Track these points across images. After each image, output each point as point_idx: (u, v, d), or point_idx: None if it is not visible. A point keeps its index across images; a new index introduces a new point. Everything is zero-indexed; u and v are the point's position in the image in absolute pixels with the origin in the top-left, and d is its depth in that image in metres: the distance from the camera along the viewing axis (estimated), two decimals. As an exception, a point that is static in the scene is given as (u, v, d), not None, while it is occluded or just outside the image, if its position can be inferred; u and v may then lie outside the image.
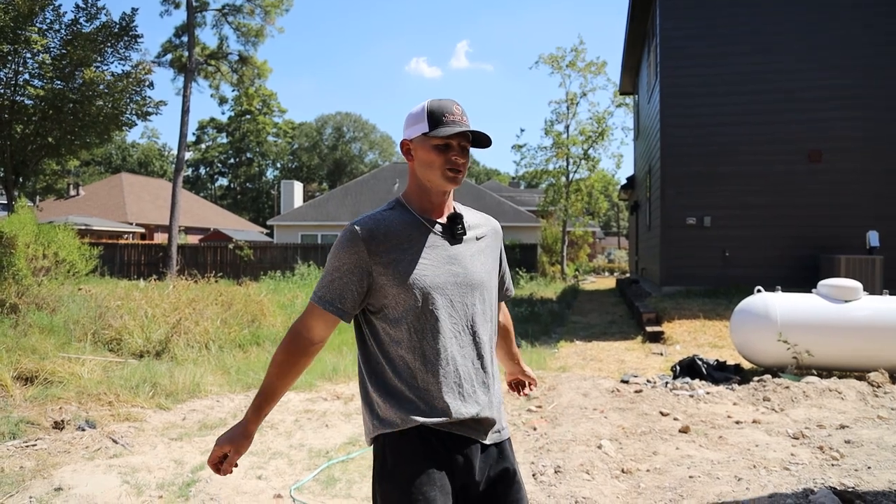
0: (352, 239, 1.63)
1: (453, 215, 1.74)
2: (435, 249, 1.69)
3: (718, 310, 9.87)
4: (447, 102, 1.69)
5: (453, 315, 1.67)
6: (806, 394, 5.80)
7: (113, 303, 8.58)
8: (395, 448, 1.62)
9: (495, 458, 1.72)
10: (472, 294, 1.71)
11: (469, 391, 1.67)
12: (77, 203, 35.19)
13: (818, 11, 11.64)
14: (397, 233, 1.66)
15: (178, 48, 23.13)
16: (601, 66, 27.33)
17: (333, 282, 1.66)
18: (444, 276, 1.67)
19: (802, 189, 11.53)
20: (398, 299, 1.63)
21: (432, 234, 1.70)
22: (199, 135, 64.12)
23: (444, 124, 1.65)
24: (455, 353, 1.66)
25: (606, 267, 37.69)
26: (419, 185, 1.72)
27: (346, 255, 1.64)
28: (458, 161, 1.67)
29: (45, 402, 5.21)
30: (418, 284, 1.63)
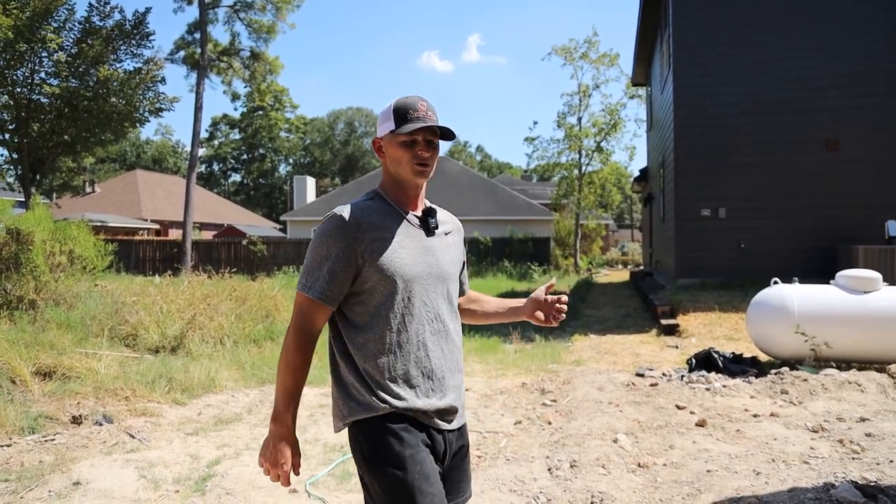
0: (340, 226, 1.67)
1: (428, 209, 1.82)
2: (413, 240, 1.75)
3: (734, 302, 9.77)
4: (412, 99, 1.75)
5: (427, 303, 1.74)
6: (825, 386, 5.72)
7: (129, 299, 8.66)
8: (378, 432, 1.65)
9: (456, 437, 1.80)
10: (442, 285, 1.79)
11: (440, 378, 1.75)
12: (93, 200, 35.55)
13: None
14: (380, 222, 1.71)
15: (191, 45, 23.23)
16: (614, 58, 27.10)
17: (325, 271, 1.67)
18: (421, 265, 1.74)
19: (819, 179, 11.36)
20: (379, 286, 1.68)
21: (410, 225, 1.76)
22: (212, 131, 64.47)
23: (409, 121, 1.71)
24: (428, 341, 1.73)
25: (620, 259, 37.48)
26: (393, 179, 1.78)
27: (334, 243, 1.67)
28: (424, 155, 1.72)
29: (63, 397, 5.26)
30: (400, 272, 1.69)
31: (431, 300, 1.75)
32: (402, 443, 1.64)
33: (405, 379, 1.69)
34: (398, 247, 1.71)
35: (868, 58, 11.29)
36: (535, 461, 4.02)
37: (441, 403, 1.73)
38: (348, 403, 1.70)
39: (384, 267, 1.67)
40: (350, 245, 1.66)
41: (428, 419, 1.72)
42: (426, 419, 1.71)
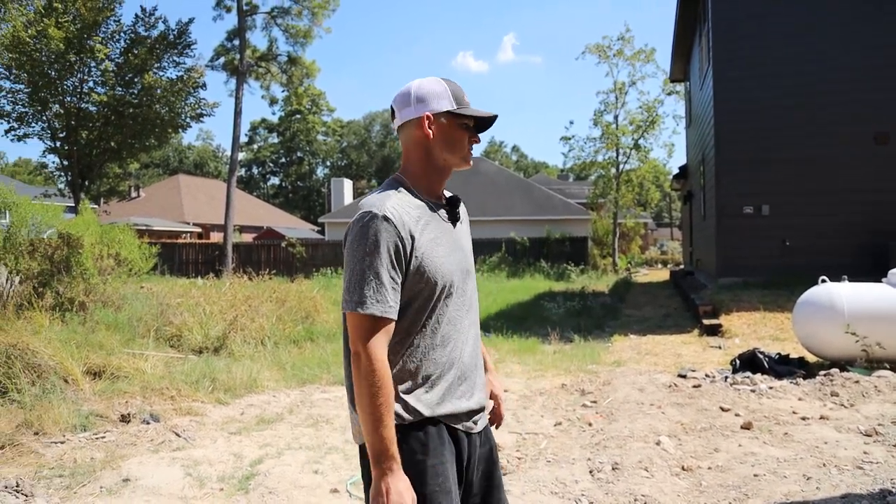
0: (386, 227, 1.49)
1: (453, 198, 1.71)
2: (446, 235, 1.63)
3: (779, 301, 9.49)
4: (457, 85, 1.66)
5: (458, 301, 1.63)
6: (878, 388, 5.51)
7: (173, 300, 8.88)
8: (406, 441, 1.53)
9: (484, 439, 1.71)
10: (470, 279, 1.70)
11: (472, 378, 1.67)
12: (138, 204, 36.64)
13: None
14: (417, 217, 1.56)
15: (230, 51, 23.73)
16: (650, 54, 26.68)
17: (382, 280, 1.48)
18: (455, 262, 1.63)
19: (867, 173, 10.95)
20: (418, 287, 1.54)
21: (441, 219, 1.64)
22: (251, 135, 65.79)
23: (465, 105, 1.63)
24: (461, 339, 1.64)
25: (659, 259, 36.83)
26: (432, 164, 1.64)
27: (383, 247, 1.48)
28: (476, 141, 1.66)
29: (112, 395, 5.43)
30: (440, 272, 1.56)
31: (461, 297, 1.65)
32: (427, 451, 1.54)
33: (439, 382, 1.58)
34: (436, 244, 1.58)
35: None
36: (576, 463, 3.97)
37: (472, 404, 1.65)
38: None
39: (427, 268, 1.54)
40: (400, 246, 1.50)
41: (457, 422, 1.62)
42: (455, 422, 1.61)
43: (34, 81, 17.25)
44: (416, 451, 1.53)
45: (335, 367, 6.83)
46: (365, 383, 1.46)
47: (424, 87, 1.63)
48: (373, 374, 1.46)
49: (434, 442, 1.55)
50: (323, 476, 3.88)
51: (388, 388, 1.47)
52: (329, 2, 23.18)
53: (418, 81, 1.66)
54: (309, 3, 23.08)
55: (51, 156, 19.45)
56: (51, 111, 18.36)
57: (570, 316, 11.07)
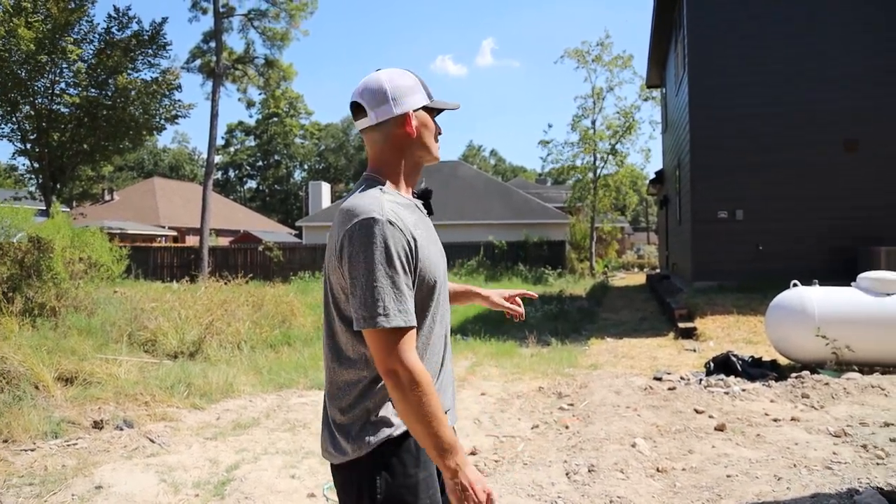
0: (393, 232, 1.40)
1: (425, 191, 1.64)
2: (430, 230, 1.57)
3: (752, 305, 9.66)
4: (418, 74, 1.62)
5: (446, 299, 1.60)
6: (847, 390, 5.63)
7: (147, 305, 8.75)
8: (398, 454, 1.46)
9: None
10: (446, 275, 1.64)
11: (451, 374, 1.63)
12: (111, 208, 36.04)
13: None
14: (408, 217, 1.49)
15: (206, 53, 23.50)
16: (627, 60, 27.02)
17: (400, 289, 1.39)
18: (440, 258, 1.58)
19: (838, 179, 11.22)
20: (419, 290, 1.47)
21: (422, 213, 1.59)
22: (227, 138, 65.14)
23: (431, 97, 1.60)
24: (443, 338, 1.58)
25: (636, 262, 37.23)
26: (410, 162, 1.58)
27: (394, 252, 1.39)
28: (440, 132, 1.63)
29: (84, 402, 5.33)
30: (436, 271, 1.51)
31: (446, 294, 1.60)
32: (419, 464, 1.47)
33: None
34: (429, 242, 1.52)
35: (888, 57, 11.14)
36: (552, 465, 4.00)
37: (451, 401, 1.60)
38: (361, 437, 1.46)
39: (427, 268, 1.47)
40: (407, 250, 1.42)
41: None
42: None
43: (3, 82, 16.90)
44: (408, 464, 1.47)
45: (312, 371, 6.80)
46: (413, 395, 1.37)
47: (398, 82, 1.55)
48: (418, 384, 1.37)
49: (424, 454, 1.48)
50: (300, 481, 3.86)
51: (433, 389, 1.40)
52: (307, 4, 23.09)
53: (387, 74, 1.56)
54: (286, 5, 22.97)
55: (21, 158, 19.07)
56: (21, 112, 18.00)
57: (547, 319, 11.14)
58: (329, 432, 1.54)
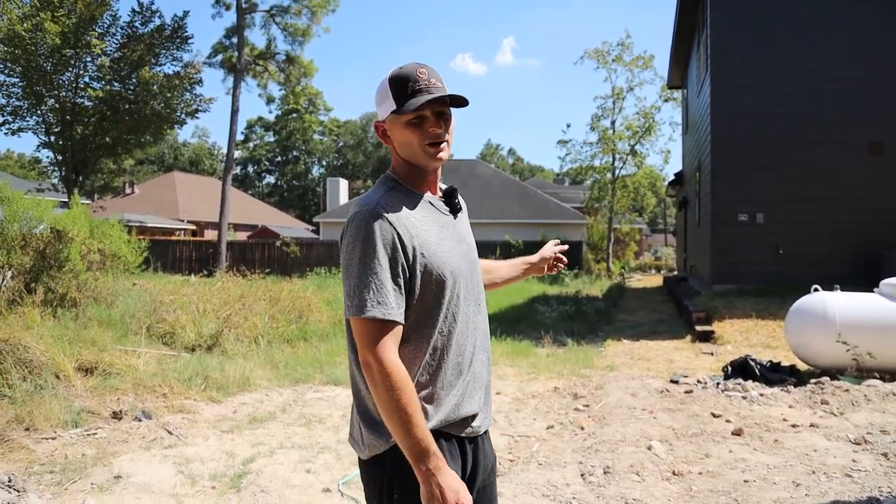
0: (381, 226, 1.41)
1: (450, 189, 1.62)
2: (447, 228, 1.55)
3: (772, 309, 9.54)
4: (409, 68, 1.51)
5: (468, 297, 1.55)
6: (867, 397, 5.55)
7: (166, 298, 8.85)
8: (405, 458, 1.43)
9: (486, 443, 1.65)
10: (476, 272, 1.62)
11: (481, 377, 1.59)
12: (132, 201, 36.51)
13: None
14: (413, 213, 1.48)
15: (228, 49, 23.70)
16: (648, 60, 26.81)
17: (383, 282, 1.40)
18: (460, 255, 1.54)
19: (861, 183, 11.02)
20: (428, 287, 1.46)
21: (439, 211, 1.56)
22: (247, 133, 65.66)
23: (411, 95, 1.46)
24: (470, 336, 1.55)
25: (653, 264, 36.94)
26: (408, 165, 1.55)
27: (382, 247, 1.40)
28: (436, 132, 1.49)
29: (104, 392, 5.40)
30: (448, 267, 1.48)
31: (471, 292, 1.56)
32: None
33: (451, 387, 1.50)
34: (439, 239, 1.50)
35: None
36: (567, 466, 3.98)
37: (479, 405, 1.56)
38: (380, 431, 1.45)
39: (433, 264, 1.46)
40: (399, 246, 1.42)
41: (462, 428, 1.53)
42: (460, 429, 1.52)
43: (29, 75, 17.18)
44: None
45: (328, 367, 6.83)
46: (382, 390, 1.37)
47: (377, 90, 1.54)
48: (387, 377, 1.37)
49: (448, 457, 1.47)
50: (315, 475, 3.88)
51: (408, 388, 1.38)
52: (329, 1, 23.19)
53: (379, 83, 1.55)
54: (308, 1, 23.10)
55: (45, 150, 19.39)
56: (45, 105, 18.29)
57: (563, 320, 11.10)
58: (353, 425, 1.56)
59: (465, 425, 1.54)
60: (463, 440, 1.55)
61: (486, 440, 1.66)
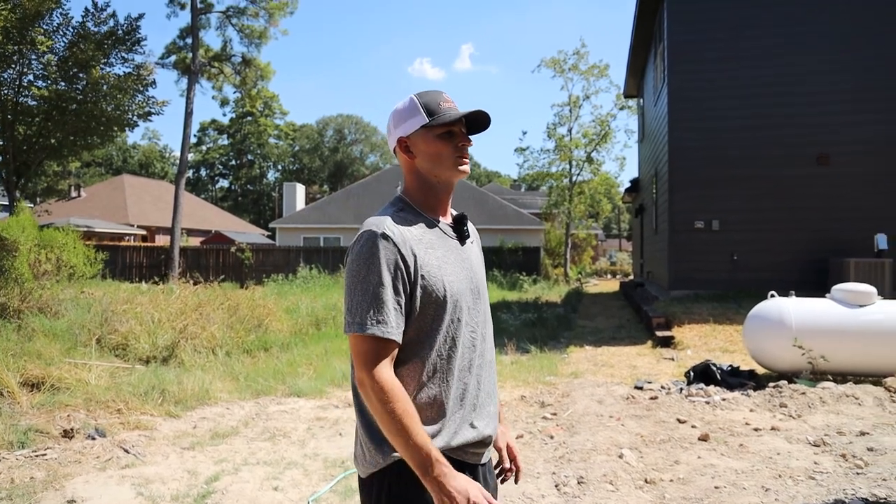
0: (386, 245, 1.44)
1: (461, 216, 1.66)
2: (452, 252, 1.57)
3: (728, 314, 9.79)
4: (435, 92, 1.60)
5: (470, 323, 1.56)
6: (823, 400, 5.72)
7: (118, 307, 8.50)
8: (411, 477, 1.44)
9: (488, 475, 1.65)
10: (481, 300, 1.63)
11: (485, 406, 1.60)
12: (78, 204, 35.12)
13: (830, 14, 11.56)
14: (420, 235, 1.52)
15: (182, 50, 23.07)
16: (603, 69, 27.33)
17: (383, 300, 1.43)
18: (464, 280, 1.56)
19: (811, 192, 11.45)
20: (428, 308, 1.48)
21: (446, 235, 1.59)
22: (199, 136, 64.09)
23: (444, 111, 1.55)
24: (473, 364, 1.56)
25: (609, 269, 37.63)
26: (425, 183, 1.59)
27: (385, 265, 1.43)
28: (467, 145, 1.58)
29: (52, 409, 5.13)
30: (450, 290, 1.50)
31: (474, 318, 1.58)
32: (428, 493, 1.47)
33: (449, 410, 1.51)
34: (443, 262, 1.52)
35: (861, 74, 11.42)
36: (541, 477, 3.96)
37: (481, 434, 1.56)
38: (381, 448, 1.47)
39: (434, 286, 1.48)
40: (401, 265, 1.45)
41: (463, 454, 1.54)
42: (461, 455, 1.53)
43: (-33, 72, 16.36)
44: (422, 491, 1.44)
45: (290, 378, 6.66)
46: (378, 405, 1.40)
47: (397, 111, 1.60)
48: (382, 391, 1.39)
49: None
50: (283, 493, 3.75)
51: (402, 399, 1.40)
52: (287, 3, 22.84)
53: (397, 104, 1.62)
54: (266, 3, 22.69)
55: (-16, 151, 18.46)
56: (-15, 103, 17.43)
57: (525, 326, 11.14)
58: (357, 444, 1.58)
59: (463, 453, 1.54)
60: (462, 467, 1.53)
61: (487, 471, 1.65)
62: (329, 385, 6.50)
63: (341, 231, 28.53)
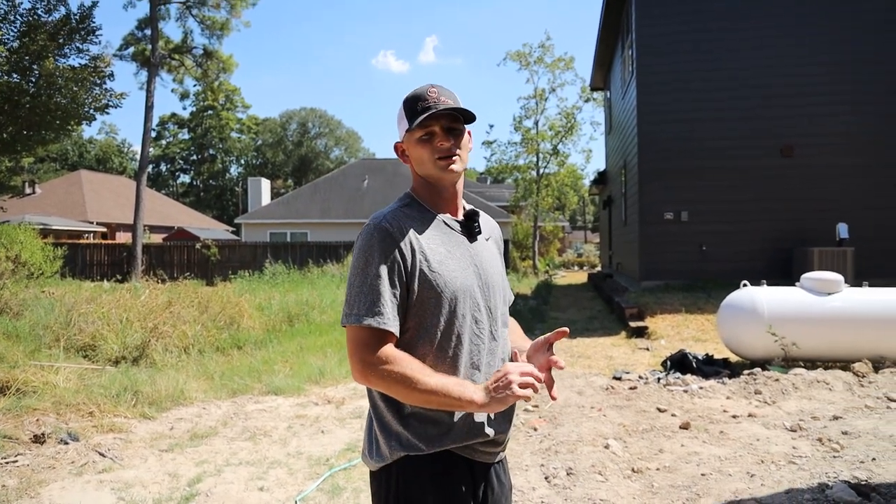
0: (384, 239, 1.47)
1: (471, 212, 1.64)
2: (459, 248, 1.57)
3: (699, 303, 9.97)
4: (421, 88, 1.57)
5: (480, 320, 1.55)
6: (795, 386, 5.87)
7: (83, 306, 8.21)
8: (416, 475, 1.47)
9: (502, 474, 1.64)
10: (494, 296, 1.61)
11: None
12: (33, 201, 33.89)
13: (792, 7, 11.83)
14: (422, 229, 1.53)
15: (141, 41, 22.43)
16: (569, 62, 27.50)
17: (379, 292, 1.44)
18: (472, 276, 1.55)
19: (776, 183, 11.73)
20: (427, 303, 1.48)
21: (452, 231, 1.59)
22: (159, 130, 62.50)
23: (421, 112, 1.52)
24: (480, 362, 1.54)
25: (576, 261, 38.04)
26: (425, 182, 1.60)
27: (382, 259, 1.46)
28: (444, 146, 1.53)
29: (20, 413, 4.92)
30: (450, 285, 1.50)
31: (482, 315, 1.57)
32: (439, 489, 1.47)
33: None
34: (445, 257, 1.53)
35: (825, 67, 11.73)
36: (529, 469, 3.96)
37: (491, 433, 1.54)
38: (388, 442, 1.49)
39: (434, 280, 1.48)
40: (398, 259, 1.47)
41: (472, 453, 1.53)
42: (470, 453, 1.52)
43: None
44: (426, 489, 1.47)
45: (266, 376, 6.54)
46: (395, 381, 1.41)
47: (397, 116, 1.61)
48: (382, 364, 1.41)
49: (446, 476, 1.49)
50: (269, 493, 3.67)
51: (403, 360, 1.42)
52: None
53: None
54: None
55: (-69, 147, 17.62)
56: (-69, 97, 16.62)
57: (499, 319, 11.15)
58: (367, 438, 1.59)
59: (472, 451, 1.54)
60: (472, 464, 1.53)
61: (502, 470, 1.64)
62: (307, 382, 6.40)
63: (308, 226, 28.17)
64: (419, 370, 1.41)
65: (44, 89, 17.27)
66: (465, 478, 1.51)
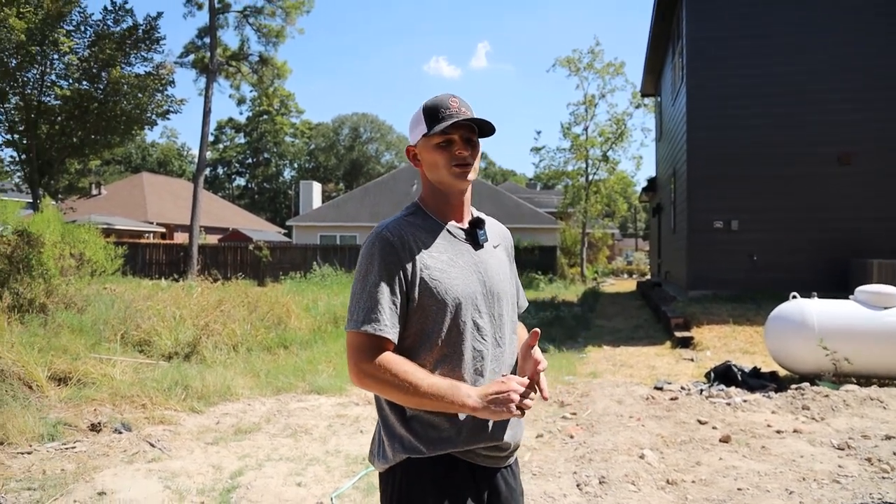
0: (385, 247, 1.52)
1: (476, 220, 1.66)
2: (462, 256, 1.59)
3: (748, 315, 9.70)
4: (443, 97, 1.60)
5: (483, 327, 1.57)
6: (846, 402, 5.66)
7: (141, 304, 8.61)
8: (417, 477, 1.50)
9: (511, 479, 1.65)
10: (499, 304, 1.63)
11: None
12: (98, 202, 35.59)
13: (850, 13, 11.42)
14: (425, 238, 1.57)
15: (201, 49, 23.30)
16: (619, 67, 27.13)
17: (378, 299, 1.49)
18: (475, 284, 1.58)
19: (832, 192, 11.32)
20: (429, 309, 1.52)
21: (456, 239, 1.61)
22: (216, 135, 64.62)
23: (442, 119, 1.56)
24: (486, 368, 1.56)
25: (625, 269, 37.42)
26: (434, 189, 1.63)
27: (383, 267, 1.50)
28: (463, 154, 1.57)
29: (79, 403, 5.22)
30: (451, 293, 1.53)
31: (488, 323, 1.58)
32: (439, 492, 1.49)
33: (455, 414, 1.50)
34: (447, 265, 1.55)
35: (881, 72, 11.27)
36: (562, 476, 3.96)
37: (494, 439, 1.54)
38: (392, 444, 1.53)
39: (434, 288, 1.51)
40: (399, 267, 1.51)
41: (475, 457, 1.54)
42: (473, 458, 1.54)
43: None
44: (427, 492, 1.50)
45: (310, 375, 6.72)
46: (389, 385, 1.46)
47: (410, 120, 1.64)
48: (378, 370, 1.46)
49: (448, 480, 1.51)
50: (306, 489, 3.79)
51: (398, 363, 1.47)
52: (303, 2, 22.99)
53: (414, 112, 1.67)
54: (283, 2, 22.85)
55: (8, 149, 18.79)
56: (9, 103, 17.73)
57: (542, 325, 11.12)
58: (374, 440, 1.64)
59: (475, 455, 1.55)
60: (474, 468, 1.55)
61: (510, 475, 1.65)
62: (349, 383, 6.54)
63: (357, 229, 28.64)
64: (412, 373, 1.45)
65: (111, 96, 18.20)
66: (467, 481, 1.53)
